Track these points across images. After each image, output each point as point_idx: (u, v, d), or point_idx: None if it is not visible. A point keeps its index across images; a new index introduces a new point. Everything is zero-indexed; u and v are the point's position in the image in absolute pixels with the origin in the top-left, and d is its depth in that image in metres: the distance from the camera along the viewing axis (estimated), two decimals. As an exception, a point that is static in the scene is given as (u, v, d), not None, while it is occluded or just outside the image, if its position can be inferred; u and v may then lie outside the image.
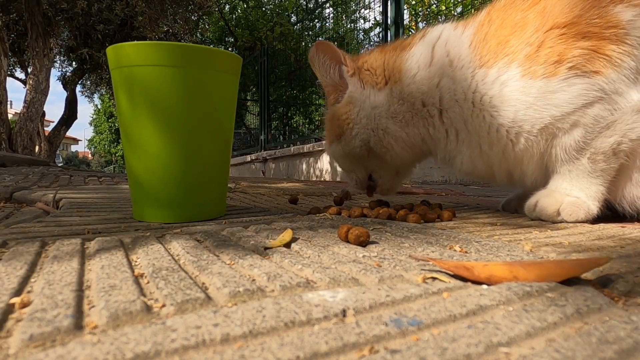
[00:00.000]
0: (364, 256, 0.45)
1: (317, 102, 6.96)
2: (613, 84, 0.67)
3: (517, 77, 0.72)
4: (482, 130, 0.77)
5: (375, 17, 5.53)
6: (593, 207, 0.72)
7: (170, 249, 0.49)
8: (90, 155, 28.17)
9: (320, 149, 4.31)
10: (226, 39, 8.49)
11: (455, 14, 3.70)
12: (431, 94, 0.81)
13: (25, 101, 4.45)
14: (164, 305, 0.30)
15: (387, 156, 0.88)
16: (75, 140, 31.54)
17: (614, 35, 0.67)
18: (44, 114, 5.23)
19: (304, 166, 4.67)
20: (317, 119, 7.08)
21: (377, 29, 4.78)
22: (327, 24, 6.68)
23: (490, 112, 0.75)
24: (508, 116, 0.73)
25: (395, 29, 3.59)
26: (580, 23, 0.68)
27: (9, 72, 5.66)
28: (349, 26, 6.04)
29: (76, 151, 30.98)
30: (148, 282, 0.36)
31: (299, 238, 0.55)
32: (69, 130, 6.57)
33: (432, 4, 4.48)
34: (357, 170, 0.94)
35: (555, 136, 0.72)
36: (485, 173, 0.83)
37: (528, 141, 0.73)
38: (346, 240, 0.52)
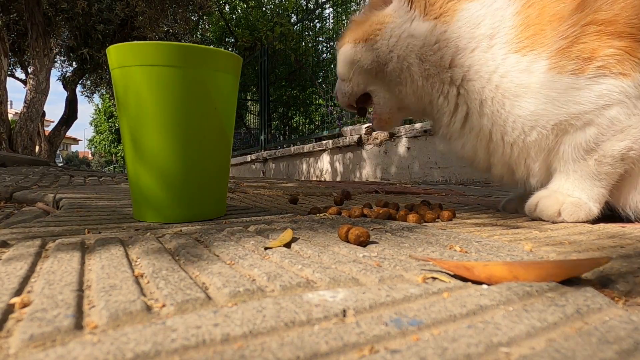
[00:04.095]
0: (364, 256, 0.45)
1: (317, 102, 6.96)
2: (638, 89, 0.65)
3: (544, 70, 0.70)
4: (500, 118, 0.74)
5: (375, 17, 5.53)
6: (594, 208, 0.72)
7: (170, 248, 0.49)
8: (90, 155, 28.18)
9: (320, 149, 4.31)
10: (226, 39, 8.49)
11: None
12: (465, 55, 0.76)
13: (25, 101, 4.45)
14: (164, 305, 0.30)
15: (396, 89, 0.83)
16: (76, 140, 31.56)
17: None
18: (44, 114, 5.24)
19: (304, 166, 4.67)
20: (317, 119, 7.08)
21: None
22: (327, 24, 6.68)
23: (512, 101, 0.73)
24: (529, 108, 0.71)
25: (395, 29, 3.58)
26: (618, 22, 0.66)
27: (9, 72, 5.65)
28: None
29: (76, 151, 31.00)
30: (148, 282, 0.36)
31: (299, 238, 0.55)
32: (69, 130, 6.58)
33: (432, 4, 4.48)
34: (354, 82, 0.87)
35: (566, 132, 0.70)
36: (483, 162, 0.81)
37: (540, 135, 0.72)
38: (346, 240, 0.52)
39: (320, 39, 6.85)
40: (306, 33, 6.94)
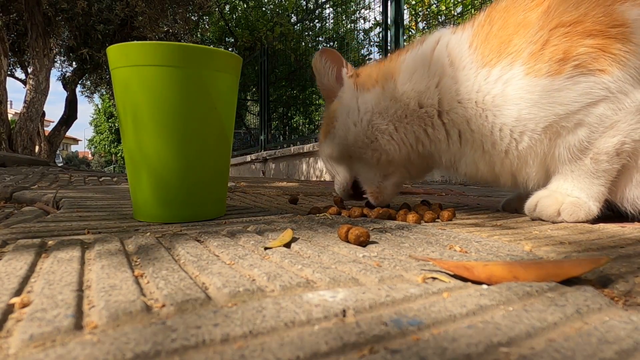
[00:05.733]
0: (364, 256, 0.45)
1: (317, 102, 6.96)
2: (618, 83, 0.67)
3: (520, 76, 0.71)
4: (486, 130, 0.76)
5: (375, 17, 5.54)
6: (594, 207, 0.72)
7: (170, 248, 0.49)
8: (90, 155, 28.19)
9: (320, 149, 4.30)
10: (226, 39, 8.49)
11: (455, 14, 3.70)
12: (429, 95, 0.80)
13: (25, 101, 4.45)
14: (164, 305, 0.30)
15: (368, 151, 0.84)
16: (75, 140, 31.57)
17: (620, 34, 0.66)
18: (44, 114, 5.23)
19: (304, 166, 4.67)
20: (317, 119, 7.09)
21: (377, 29, 4.78)
22: (327, 24, 6.68)
23: (493, 112, 0.75)
24: (511, 115, 0.73)
25: (395, 29, 3.59)
26: (585, 21, 0.68)
27: (9, 72, 5.65)
28: (349, 26, 6.04)
29: (76, 151, 31.01)
30: (148, 282, 0.36)
31: (299, 238, 0.55)
32: (69, 130, 6.57)
33: (432, 4, 4.48)
34: (340, 173, 0.92)
35: (559, 135, 0.71)
36: (488, 175, 0.82)
37: (532, 140, 0.73)
38: (346, 240, 0.52)
39: (320, 39, 6.85)
40: (306, 33, 6.94)
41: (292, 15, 7.46)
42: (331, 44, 6.79)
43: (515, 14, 0.75)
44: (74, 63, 6.00)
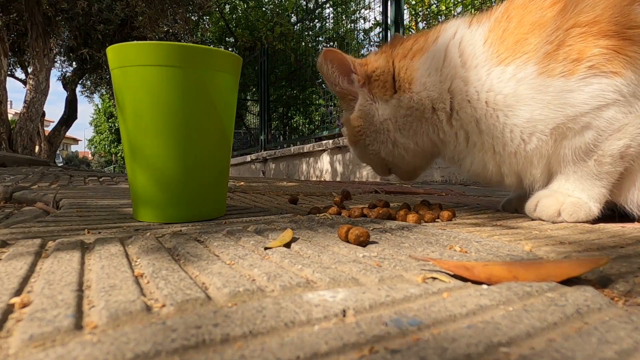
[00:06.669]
0: (364, 256, 0.45)
1: (317, 102, 6.96)
2: (631, 86, 0.65)
3: (534, 75, 0.70)
4: (496, 131, 0.75)
5: (375, 17, 5.54)
6: (594, 208, 0.72)
7: (170, 248, 0.49)
8: (90, 155, 28.18)
9: (320, 149, 4.31)
10: (226, 39, 8.49)
11: (455, 14, 3.69)
12: (442, 99, 0.80)
13: (25, 101, 4.45)
14: (164, 305, 0.30)
15: (400, 164, 0.91)
16: (75, 140, 31.58)
17: (637, 36, 0.65)
18: (44, 114, 5.23)
19: (304, 166, 4.67)
20: (317, 119, 7.09)
21: (377, 29, 4.78)
22: (327, 24, 6.68)
23: (504, 112, 0.73)
24: (524, 115, 0.72)
25: (395, 29, 3.60)
26: (601, 22, 0.66)
27: (9, 72, 5.65)
28: (349, 26, 6.05)
29: (76, 151, 31.00)
30: (148, 282, 0.36)
31: (299, 238, 0.55)
32: (69, 130, 6.57)
33: (432, 4, 4.48)
34: (377, 167, 0.97)
35: (565, 137, 0.70)
36: (495, 175, 0.81)
37: (540, 141, 0.72)
38: (346, 240, 0.52)
39: (320, 39, 6.85)
40: (306, 33, 6.94)
41: (292, 15, 7.47)
42: (331, 44, 6.78)
43: (533, 12, 0.73)
44: (74, 63, 6.00)
